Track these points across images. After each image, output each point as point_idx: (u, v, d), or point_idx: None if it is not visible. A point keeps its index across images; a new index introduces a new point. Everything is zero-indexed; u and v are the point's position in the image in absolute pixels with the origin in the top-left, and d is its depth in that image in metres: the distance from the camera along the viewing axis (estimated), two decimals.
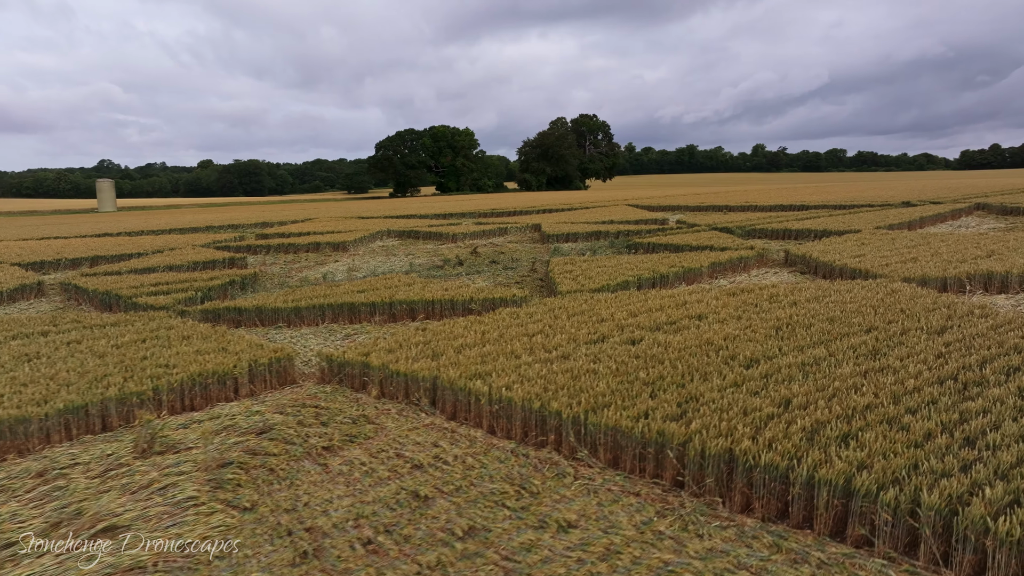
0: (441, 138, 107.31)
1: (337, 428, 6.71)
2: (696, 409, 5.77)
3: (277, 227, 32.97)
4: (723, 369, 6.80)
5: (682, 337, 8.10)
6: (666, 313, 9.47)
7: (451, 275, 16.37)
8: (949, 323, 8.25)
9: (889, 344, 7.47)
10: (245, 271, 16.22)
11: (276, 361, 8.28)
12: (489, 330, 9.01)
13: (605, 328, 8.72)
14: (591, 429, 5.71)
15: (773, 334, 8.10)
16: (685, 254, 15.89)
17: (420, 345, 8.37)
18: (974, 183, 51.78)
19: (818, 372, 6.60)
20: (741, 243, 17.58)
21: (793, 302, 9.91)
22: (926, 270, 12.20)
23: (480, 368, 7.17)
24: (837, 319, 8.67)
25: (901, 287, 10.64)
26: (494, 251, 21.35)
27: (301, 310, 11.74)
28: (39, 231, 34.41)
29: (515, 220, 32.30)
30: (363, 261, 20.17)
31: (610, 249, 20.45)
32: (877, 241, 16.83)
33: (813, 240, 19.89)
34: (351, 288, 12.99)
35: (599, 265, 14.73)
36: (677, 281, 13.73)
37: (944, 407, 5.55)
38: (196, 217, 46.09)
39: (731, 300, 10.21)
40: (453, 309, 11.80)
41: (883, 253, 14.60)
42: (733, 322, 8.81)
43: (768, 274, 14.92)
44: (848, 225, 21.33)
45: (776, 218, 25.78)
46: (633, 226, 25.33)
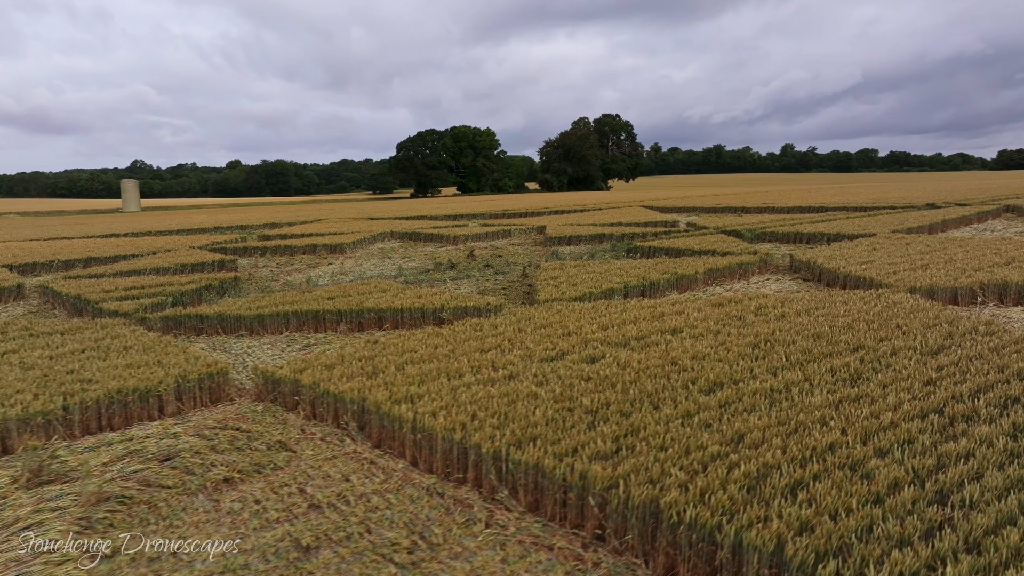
0: (462, 138, 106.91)
1: (249, 455, 6.09)
2: (632, 446, 5.03)
3: (286, 228, 32.67)
4: (679, 395, 6.04)
5: (646, 355, 7.34)
6: (639, 326, 8.70)
7: (437, 280, 15.73)
8: (947, 342, 7.38)
9: (874, 367, 6.64)
10: (225, 274, 15.75)
11: (208, 377, 7.69)
12: (444, 344, 8.34)
13: (567, 343, 7.99)
14: (512, 467, 5.01)
15: (748, 353, 7.31)
16: (682, 260, 15.07)
17: (362, 361, 7.72)
18: (1007, 184, 49.86)
19: (785, 401, 5.81)
20: (745, 248, 16.69)
21: (781, 315, 9.08)
22: (935, 279, 11.25)
23: (413, 390, 6.50)
24: (823, 336, 7.84)
25: (903, 299, 9.75)
26: (492, 254, 20.68)
27: (264, 318, 11.18)
28: (51, 231, 34.52)
29: (522, 222, 31.60)
30: (356, 264, 19.63)
31: (611, 253, 19.67)
32: (890, 246, 15.83)
33: (825, 244, 18.92)
34: (323, 294, 12.40)
35: (588, 271, 13.97)
36: (668, 289, 12.92)
37: (920, 449, 4.75)
38: (210, 217, 46.10)
39: (713, 312, 9.41)
40: (423, 318, 11.15)
41: (893, 260, 13.64)
42: (708, 338, 8.02)
43: (769, 281, 14.04)
44: (864, 228, 20.27)
45: (790, 220, 24.74)
46: (640, 228, 24.48)
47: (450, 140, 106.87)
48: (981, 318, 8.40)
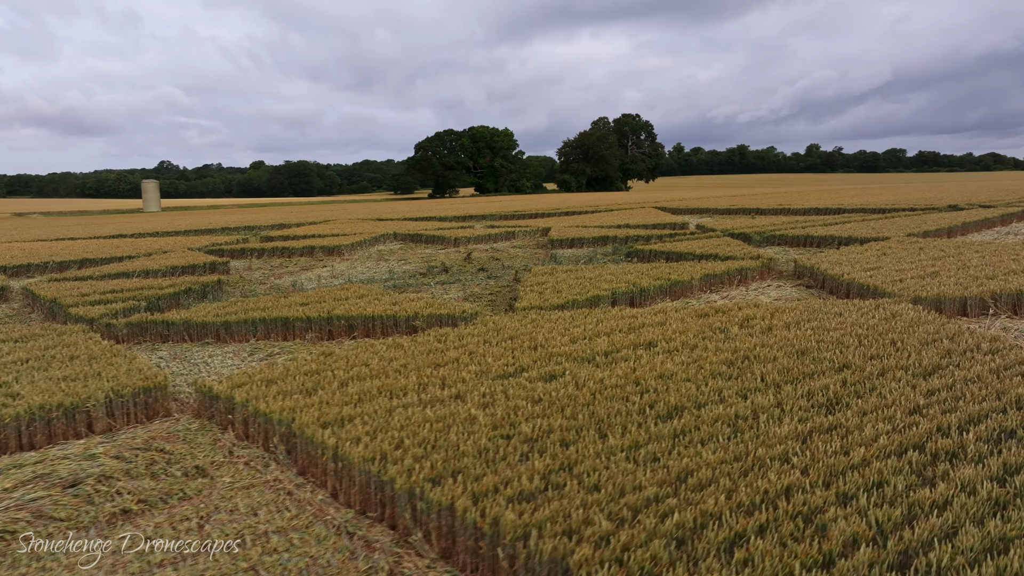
0: (480, 139, 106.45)
1: (162, 482, 5.58)
2: (561, 484, 4.44)
3: (294, 228, 32.38)
4: (632, 421, 5.43)
5: (610, 373, 6.73)
6: (611, 339, 8.08)
7: (425, 284, 15.20)
8: (944, 361, 6.67)
9: (857, 391, 5.96)
10: (207, 278, 15.35)
11: (144, 391, 7.22)
12: (400, 357, 7.79)
13: (529, 358, 7.40)
14: (425, 507, 4.44)
15: (721, 371, 6.66)
16: (678, 265, 14.38)
17: (306, 376, 7.19)
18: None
19: (749, 431, 5.17)
20: (748, 252, 15.94)
21: (767, 327, 8.40)
22: (944, 288, 10.47)
23: (347, 411, 5.95)
24: (808, 352, 7.16)
25: (904, 310, 9.00)
26: (490, 257, 20.12)
27: (231, 325, 10.72)
28: (61, 231, 34.59)
29: (529, 223, 31.00)
30: (350, 267, 19.18)
31: (612, 256, 19.02)
32: (901, 251, 14.99)
33: (836, 248, 18.10)
34: (297, 300, 11.92)
35: (578, 276, 13.35)
36: (660, 296, 12.26)
37: (890, 495, 4.10)
38: (222, 218, 46.09)
39: (695, 323, 8.75)
40: (395, 326, 10.62)
41: (902, 266, 12.83)
42: (683, 353, 7.38)
43: (769, 288, 13.31)
44: (878, 232, 19.38)
45: (802, 223, 23.86)
46: (646, 231, 23.77)
47: (468, 140, 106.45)
48: (987, 333, 7.65)
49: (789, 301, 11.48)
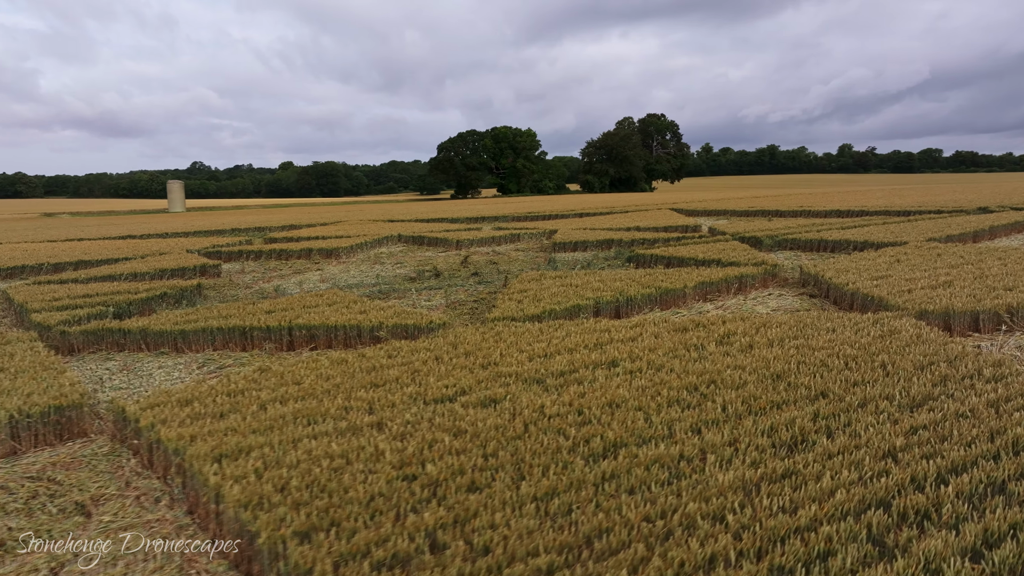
0: (502, 139, 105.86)
1: (32, 519, 5.00)
2: (444, 546, 3.73)
3: (305, 229, 32.03)
4: (558, 462, 4.70)
5: (555, 398, 6.00)
6: (572, 357, 7.34)
7: (411, 290, 14.57)
8: (937, 391, 5.82)
9: (828, 426, 5.16)
10: (185, 282, 14.86)
11: (57, 410, 6.67)
12: (337, 375, 7.14)
13: (474, 379, 6.70)
14: (285, 569, 3.77)
15: (680, 399, 5.90)
16: (673, 271, 13.55)
17: (227, 396, 6.58)
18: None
19: (688, 477, 4.42)
20: (753, 257, 15.04)
21: (748, 345, 7.60)
22: (955, 300, 9.53)
23: (251, 440, 5.32)
24: (785, 377, 6.36)
25: (904, 326, 8.12)
26: (488, 260, 19.44)
27: (188, 334, 10.19)
28: (74, 232, 34.69)
29: (538, 225, 30.26)
30: (343, 270, 18.66)
31: (613, 260, 18.23)
32: (917, 257, 13.98)
33: (851, 253, 17.11)
34: (264, 308, 11.37)
35: (565, 283, 12.61)
36: (648, 305, 11.47)
37: (835, 573, 3.33)
38: (238, 218, 46.10)
39: (670, 339, 7.97)
40: (358, 336, 10.00)
41: (914, 274, 11.87)
42: (646, 375, 6.63)
43: (769, 298, 12.43)
44: (896, 236, 18.31)
45: (819, 226, 22.79)
46: (653, 234, 22.90)
47: (490, 141, 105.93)
48: (992, 356, 6.76)
49: (784, 313, 10.62)
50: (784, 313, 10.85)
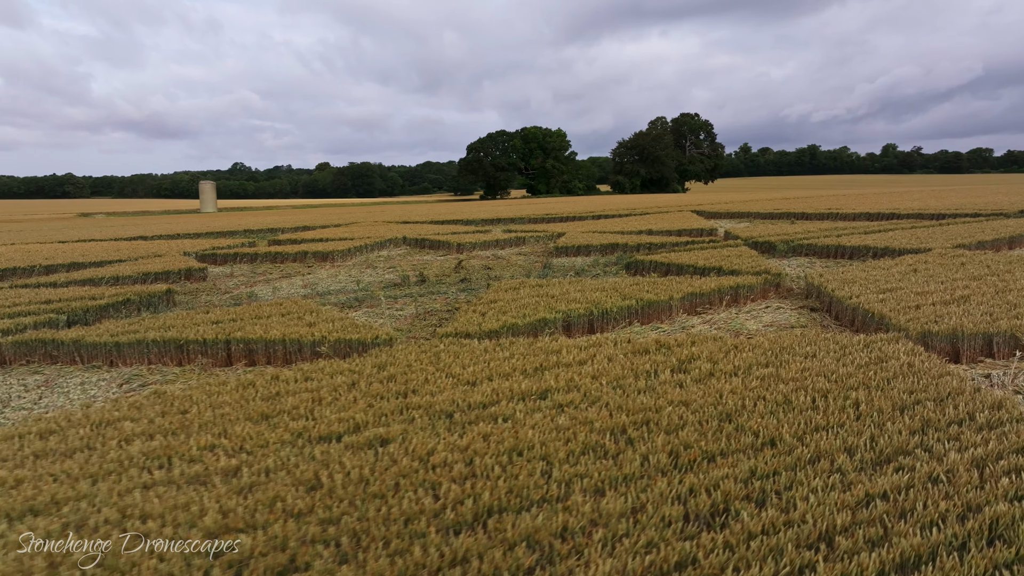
0: (532, 139, 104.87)
1: None
2: None
3: (318, 230, 31.54)
4: (404, 535, 3.78)
5: (454, 440, 5.08)
6: (501, 385, 6.40)
7: (389, 297, 13.76)
8: (913, 441, 4.73)
9: (764, 491, 4.13)
10: (154, 287, 14.24)
11: None
12: (232, 402, 6.31)
13: (376, 411, 5.81)
14: None
15: (599, 444, 4.92)
16: (664, 280, 12.47)
17: (90, 428, 5.79)
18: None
19: (554, 567, 3.45)
20: (758, 265, 13.86)
21: (708, 373, 6.56)
22: (966, 319, 8.32)
23: (61, 492, 4.51)
24: (735, 416, 5.33)
25: (898, 351, 6.98)
26: (483, 265, 18.56)
27: (123, 346, 9.51)
28: (87, 233, 34.79)
29: (549, 228, 29.27)
30: (331, 275, 17.96)
31: (613, 266, 17.18)
32: (937, 267, 12.67)
33: (871, 259, 15.81)
34: (211, 318, 10.65)
35: (542, 293, 11.64)
36: (626, 318, 10.45)
37: None
38: (259, 219, 46.05)
39: (623, 364, 6.96)
40: (299, 352, 9.19)
41: (928, 287, 10.62)
42: (573, 411, 5.66)
43: (765, 311, 11.28)
44: (920, 242, 16.89)
45: (841, 230, 21.38)
46: (663, 238, 21.75)
47: (520, 141, 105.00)
48: (991, 396, 5.59)
49: (775, 330, 9.52)
50: (775, 330, 9.75)
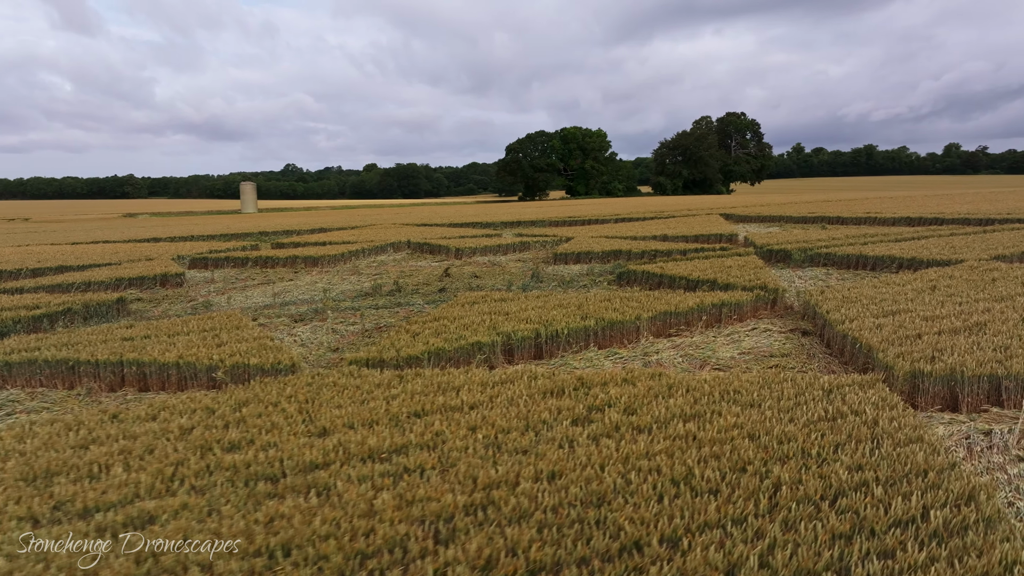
0: (571, 140, 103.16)
1: None
2: None
3: (334, 232, 30.83)
4: None
5: (220, 529, 3.89)
6: (352, 438, 5.18)
7: (348, 309, 12.67)
8: (828, 556, 3.33)
9: None
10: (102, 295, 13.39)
11: None
12: (33, 448, 5.25)
13: (165, 478, 4.66)
14: None
15: (399, 543, 3.66)
16: (639, 295, 11.05)
17: None
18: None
19: None
20: (758, 279, 12.30)
21: (611, 427, 5.21)
22: (971, 356, 6.73)
23: None
24: (608, 500, 4.00)
25: (863, 402, 5.50)
26: (472, 273, 17.36)
27: (12, 366, 8.61)
28: (103, 235, 34.81)
29: (558, 232, 27.91)
30: (310, 282, 17.00)
31: (606, 275, 15.80)
32: (962, 283, 10.94)
33: (894, 271, 14.10)
34: (120, 335, 9.71)
35: (496, 309, 10.37)
36: (581, 341, 9.11)
37: None
38: (283, 220, 45.85)
39: (521, 411, 5.65)
40: (195, 377, 8.14)
41: (940, 309, 8.98)
42: (417, 481, 4.41)
43: (749, 335, 9.78)
44: (955, 252, 15.02)
45: (872, 236, 19.47)
46: (674, 244, 20.22)
47: (559, 142, 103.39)
48: (965, 481, 4.12)
49: (748, 359, 8.07)
50: (751, 359, 8.30)
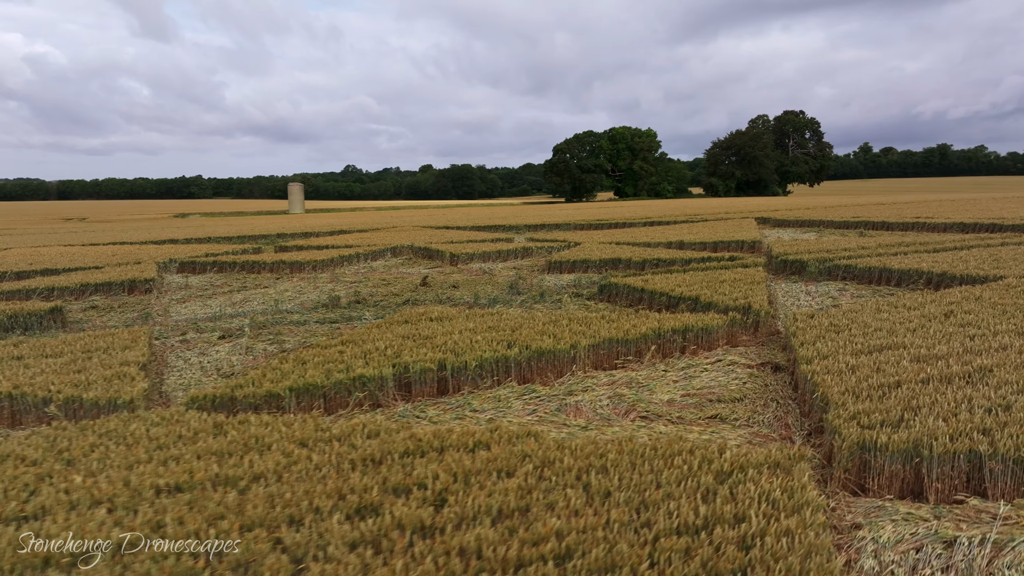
0: (619, 139, 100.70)
1: None
2: None
3: (355, 234, 30.07)
4: None
5: None
6: (59, 525, 3.89)
7: (299, 322, 11.50)
8: None
9: None
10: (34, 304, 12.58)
11: None
12: None
13: None
14: None
15: None
16: (586, 318, 9.50)
17: None
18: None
19: None
20: (743, 298, 10.57)
21: (417, 531, 3.77)
22: (945, 423, 4.98)
23: None
24: None
25: (761, 497, 3.90)
26: (453, 283, 16.02)
27: None
28: (121, 236, 34.86)
29: (568, 237, 26.30)
30: (280, 291, 15.97)
31: (589, 289, 14.23)
32: (983, 310, 9.00)
33: (922, 288, 12.14)
34: (14, 352, 8.74)
35: (413, 334, 9.00)
36: (500, 374, 7.64)
37: None
38: (316, 222, 45.61)
39: (309, 489, 4.26)
40: (25, 412, 7.03)
41: (937, 347, 7.16)
42: None
43: (710, 368, 8.10)
44: (997, 266, 12.88)
45: (907, 246, 17.27)
46: (684, 252, 18.47)
47: (607, 142, 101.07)
48: None
49: (693, 403, 6.47)
50: (694, 404, 6.71)
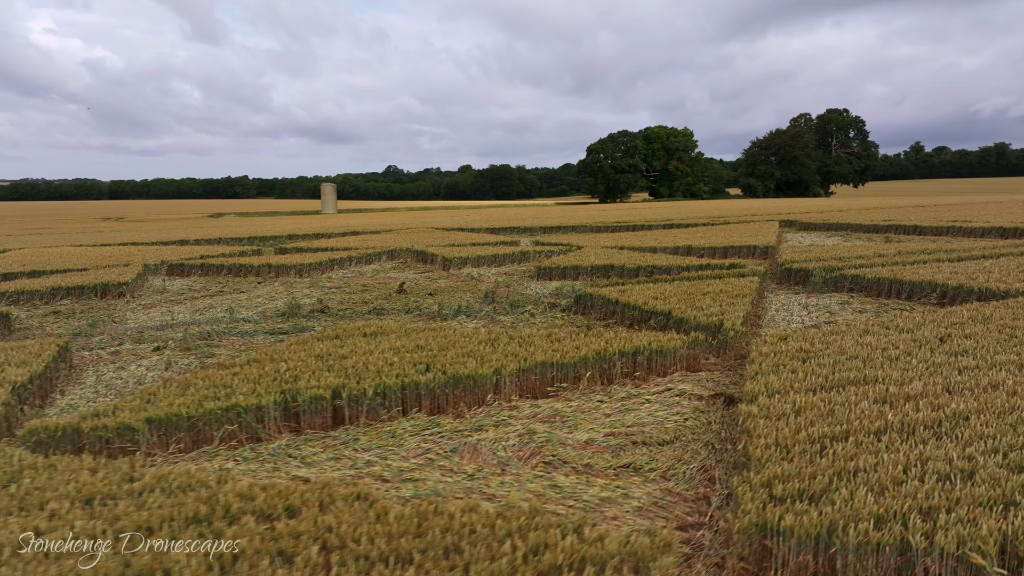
0: (655, 139, 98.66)
1: None
2: None
3: (369, 235, 29.53)
4: None
5: None
6: None
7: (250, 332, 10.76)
8: None
9: None
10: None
11: None
12: None
13: None
14: None
15: None
16: (520, 338, 8.48)
17: None
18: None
19: None
20: (718, 315, 9.43)
21: None
22: (878, 501, 3.86)
23: None
24: None
25: None
26: (432, 290, 15.15)
27: None
28: (145, 236, 34.93)
29: (571, 240, 25.17)
30: (251, 296, 15.30)
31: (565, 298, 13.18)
32: (988, 334, 7.71)
33: (935, 302, 10.85)
34: None
35: (328, 353, 8.12)
36: (408, 402, 6.69)
37: None
38: (337, 222, 45.38)
39: None
40: None
41: (911, 385, 5.97)
42: None
43: (659, 396, 7.01)
44: (1021, 279, 11.41)
45: (929, 253, 15.77)
46: (684, 259, 17.24)
47: (642, 142, 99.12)
48: None
49: (612, 444, 5.43)
50: (614, 448, 5.67)
